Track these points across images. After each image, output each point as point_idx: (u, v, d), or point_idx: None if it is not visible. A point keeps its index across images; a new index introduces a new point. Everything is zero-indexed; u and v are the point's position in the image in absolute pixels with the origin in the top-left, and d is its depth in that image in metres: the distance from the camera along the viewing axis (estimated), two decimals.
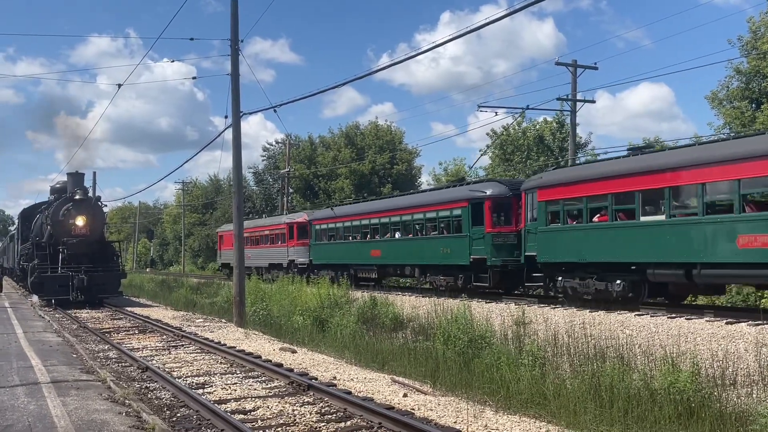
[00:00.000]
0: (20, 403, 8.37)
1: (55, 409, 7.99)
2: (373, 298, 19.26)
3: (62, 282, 25.45)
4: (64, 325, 19.03)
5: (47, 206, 29.80)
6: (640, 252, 14.83)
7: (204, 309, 25.11)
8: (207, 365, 12.21)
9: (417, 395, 9.75)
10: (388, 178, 51.13)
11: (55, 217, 27.17)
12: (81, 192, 27.85)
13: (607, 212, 15.88)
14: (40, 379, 10.00)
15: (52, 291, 25.50)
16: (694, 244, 13.66)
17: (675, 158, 14.50)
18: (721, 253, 13.09)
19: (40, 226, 29.69)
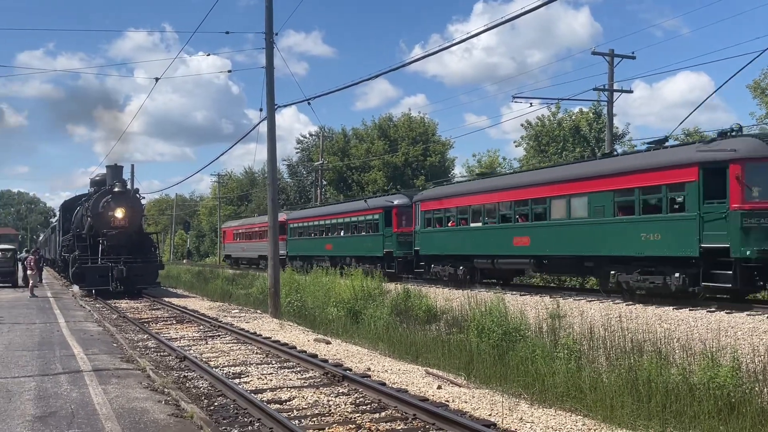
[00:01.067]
0: (63, 390, 8.59)
1: (97, 397, 8.18)
2: (407, 290, 19.28)
3: (102, 273, 25.98)
4: (105, 315, 19.45)
5: (87, 198, 30.38)
6: (470, 248, 21.78)
7: (239, 300, 25.43)
8: (243, 355, 12.37)
9: (451, 387, 9.75)
10: (421, 170, 51.01)
11: (95, 209, 27.71)
12: (120, 184, 28.36)
13: (454, 220, 22.77)
14: (82, 368, 10.25)
15: (92, 281, 26.05)
16: (495, 244, 20.59)
17: (484, 185, 22.11)
18: (507, 249, 20.01)
19: (81, 218, 30.31)
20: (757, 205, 13.49)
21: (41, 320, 17.26)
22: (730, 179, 13.72)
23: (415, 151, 50.48)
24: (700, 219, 14.16)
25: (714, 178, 14.01)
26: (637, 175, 15.74)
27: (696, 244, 14.21)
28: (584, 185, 17.22)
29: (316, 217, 34.52)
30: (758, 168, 13.55)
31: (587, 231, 17.08)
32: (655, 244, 15.19)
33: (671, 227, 14.85)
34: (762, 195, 13.65)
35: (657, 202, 15.39)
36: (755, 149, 13.76)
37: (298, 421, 7.58)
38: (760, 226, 13.44)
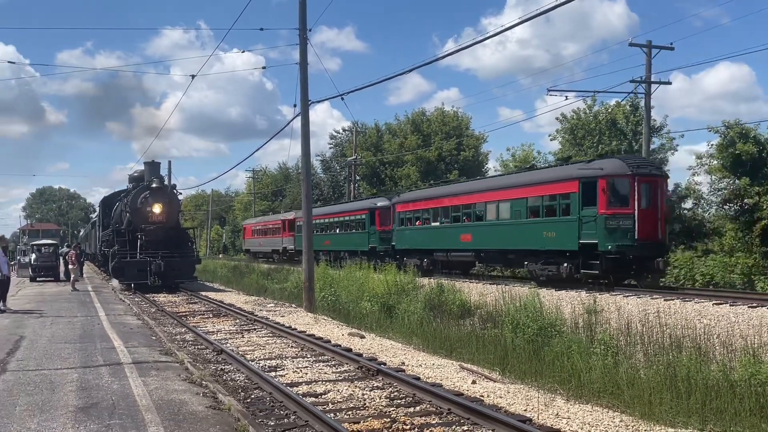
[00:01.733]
0: (104, 382, 8.79)
1: (137, 389, 8.35)
2: (440, 285, 19.26)
3: (141, 267, 26.44)
4: (143, 309, 19.81)
5: (126, 194, 30.86)
6: (430, 243, 25.69)
7: (274, 294, 25.68)
8: (279, 349, 12.50)
9: (486, 382, 9.71)
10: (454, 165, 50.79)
11: (134, 204, 28.16)
12: (158, 180, 28.76)
13: (421, 220, 26.82)
14: (122, 360, 10.47)
15: (131, 276, 26.52)
16: (450, 240, 24.27)
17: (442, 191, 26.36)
18: (456, 244, 23.78)
19: (120, 214, 30.86)
20: (616, 211, 17.68)
21: (82, 313, 17.66)
22: (599, 191, 17.88)
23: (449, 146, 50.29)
24: (579, 221, 18.25)
25: (589, 190, 18.12)
26: (542, 186, 19.94)
27: (576, 241, 18.28)
28: (508, 193, 21.46)
29: (319, 216, 37.61)
30: (618, 182, 17.91)
31: (509, 230, 21.20)
32: (552, 240, 19.26)
33: (561, 227, 18.93)
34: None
35: (553, 207, 19.45)
36: (616, 168, 18.12)
37: (333, 415, 7.64)
38: (619, 227, 17.59)
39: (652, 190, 18.13)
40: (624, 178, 17.86)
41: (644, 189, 17.90)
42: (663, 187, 18.71)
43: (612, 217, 17.70)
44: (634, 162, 18.53)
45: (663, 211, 18.37)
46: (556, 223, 19.13)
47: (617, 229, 17.61)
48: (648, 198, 17.98)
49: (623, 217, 17.63)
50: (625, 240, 17.52)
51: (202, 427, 6.74)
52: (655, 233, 17.96)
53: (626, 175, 17.85)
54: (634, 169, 17.94)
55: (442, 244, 24.95)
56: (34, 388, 8.43)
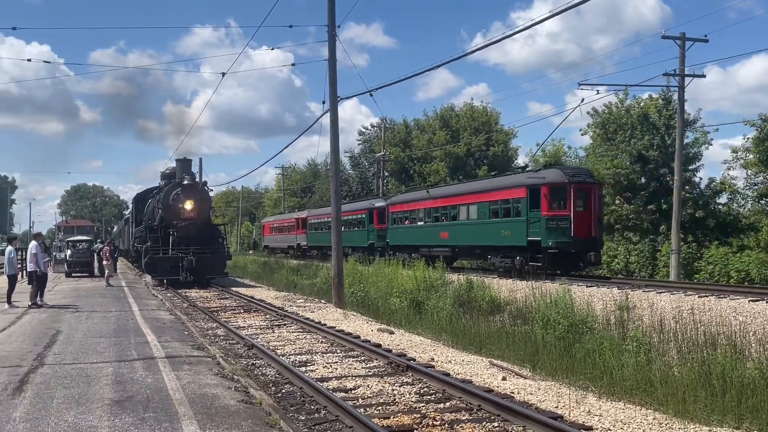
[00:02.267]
0: (139, 376, 8.93)
1: (170, 383, 8.47)
2: (470, 281, 19.19)
3: (173, 263, 26.77)
4: (176, 304, 20.09)
5: (158, 191, 31.27)
6: (417, 240, 28.91)
7: (304, 290, 25.85)
8: (309, 344, 12.58)
9: (516, 379, 9.66)
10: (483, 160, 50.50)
11: (166, 201, 28.51)
12: (189, 177, 29.05)
13: (409, 220, 30.17)
14: (155, 354, 10.63)
15: (163, 271, 26.87)
16: (432, 237, 27.46)
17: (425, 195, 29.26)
18: (437, 240, 27.06)
19: (152, 210, 31.25)
20: (555, 213, 20.86)
21: (117, 308, 17.96)
22: (542, 196, 21.06)
23: (478, 141, 50.01)
24: (527, 221, 21.49)
25: (535, 196, 21.37)
26: (500, 191, 23.45)
27: (525, 238, 21.46)
28: (476, 197, 24.88)
29: (326, 215, 41.13)
30: (556, 189, 21.01)
31: (477, 229, 24.59)
32: (508, 237, 22.53)
33: (514, 226, 22.21)
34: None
35: (509, 209, 22.77)
36: (556, 177, 21.31)
37: (363, 410, 7.67)
38: (558, 226, 20.68)
39: (586, 195, 21.36)
40: (562, 185, 21.05)
41: (579, 194, 21.12)
42: (596, 193, 21.77)
43: (552, 218, 20.96)
44: (570, 172, 21.98)
45: (596, 213, 21.47)
46: (510, 223, 22.61)
47: (556, 228, 20.90)
48: (582, 202, 21.22)
49: (561, 218, 20.93)
50: (563, 237, 20.75)
51: (235, 421, 6.82)
52: (588, 231, 21.11)
53: (564, 183, 21.05)
54: (570, 177, 21.18)
55: (426, 240, 28.49)
56: (71, 381, 8.60)
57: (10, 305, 17.76)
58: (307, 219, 46.82)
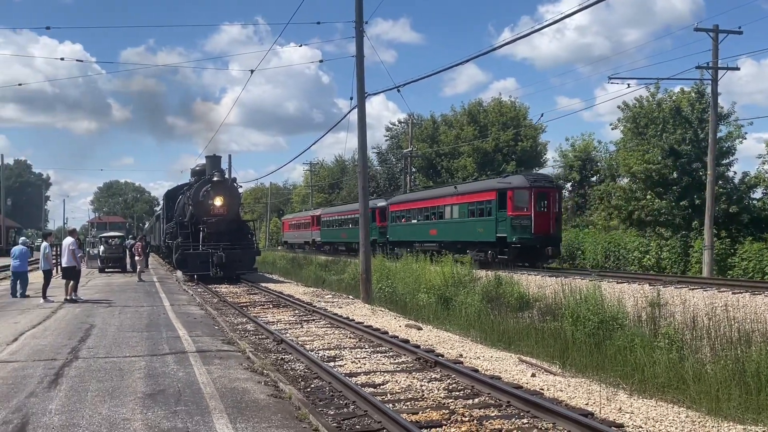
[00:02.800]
0: (170, 370, 9.06)
1: (201, 376, 8.58)
2: (498, 277, 19.08)
3: (203, 259, 27.01)
4: (206, 299, 20.32)
5: (188, 188, 31.57)
6: (411, 236, 32.92)
7: (332, 285, 25.94)
8: (337, 339, 12.63)
9: (545, 375, 9.59)
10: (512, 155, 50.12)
11: (196, 197, 28.78)
12: (219, 174, 29.26)
13: (405, 218, 34.33)
14: (186, 349, 10.77)
15: (194, 267, 27.13)
16: (420, 233, 31.69)
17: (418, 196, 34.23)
18: (427, 237, 30.92)
19: (183, 206, 31.62)
20: (518, 213, 24.87)
21: (148, 303, 18.23)
22: (508, 199, 25.21)
23: (506, 137, 49.65)
24: (496, 220, 25.50)
25: (502, 198, 25.54)
26: (476, 194, 27.89)
27: (494, 235, 25.52)
28: (457, 199, 29.07)
29: (337, 213, 48.59)
30: (519, 193, 25.26)
31: (458, 226, 28.69)
32: (482, 234, 26.57)
33: (486, 225, 26.27)
34: (522, 208, 25.13)
35: (482, 210, 26.90)
36: (519, 182, 25.61)
37: (391, 405, 7.68)
38: (520, 225, 24.61)
39: (546, 198, 25.53)
40: (524, 189, 25.14)
41: (539, 197, 25.20)
42: (555, 196, 26.14)
43: (516, 218, 24.98)
44: (532, 178, 26.18)
45: (554, 213, 25.61)
46: (483, 222, 26.66)
47: (519, 226, 24.84)
48: (542, 204, 25.19)
49: (523, 218, 24.88)
50: (525, 234, 24.59)
51: (264, 415, 6.88)
52: (547, 229, 25.04)
53: (526, 187, 25.17)
54: (531, 183, 25.27)
55: (418, 236, 32.60)
56: (104, 374, 8.76)
57: (46, 300, 18.13)
58: (320, 216, 51.88)
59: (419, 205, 33.45)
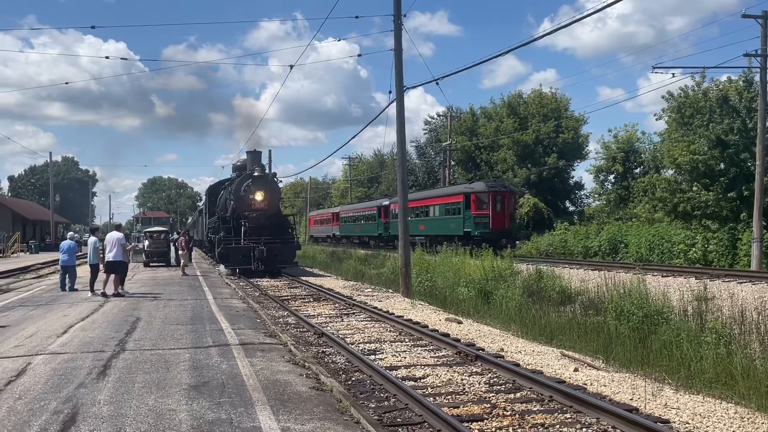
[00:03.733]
0: (214, 362, 9.21)
1: (244, 369, 8.70)
2: (539, 270, 18.90)
3: (245, 253, 27.35)
4: (248, 293, 20.58)
5: (230, 183, 31.98)
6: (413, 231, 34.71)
7: (372, 279, 26.02)
8: (377, 333, 12.68)
9: (588, 370, 9.47)
10: (553, 148, 49.54)
11: (237, 192, 29.16)
12: (259, 169, 29.58)
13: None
14: (229, 341, 10.93)
15: (236, 261, 27.49)
16: (413, 228, 32.89)
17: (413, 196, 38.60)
18: (417, 231, 36.87)
19: (225, 202, 32.06)
20: (480, 212, 32.68)
21: (192, 297, 18.55)
22: (471, 201, 32.94)
23: (547, 128, 49.06)
24: (464, 218, 33.19)
25: (468, 200, 33.14)
26: (450, 197, 35.68)
27: (462, 230, 33.28)
28: (438, 200, 36.88)
29: (352, 210, 56.62)
30: (481, 196, 33.02)
31: (439, 223, 36.52)
32: (454, 229, 34.14)
33: (456, 222, 34.11)
34: (482, 208, 32.88)
35: (454, 209, 34.82)
36: (481, 188, 33.46)
37: (432, 399, 7.68)
38: (481, 222, 32.37)
39: (503, 200, 33.26)
40: (484, 193, 33.22)
41: (496, 200, 33.06)
42: (510, 198, 34.08)
43: (477, 216, 32.91)
44: (491, 184, 34.43)
45: (509, 213, 33.61)
46: (454, 220, 34.77)
47: (480, 223, 32.80)
48: (499, 205, 33.06)
49: (483, 216, 32.84)
50: (485, 229, 32.48)
51: (306, 407, 6.95)
52: (503, 225, 32.99)
53: (485, 191, 33.22)
54: (490, 188, 33.41)
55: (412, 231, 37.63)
56: (150, 366, 8.95)
57: (93, 293, 18.60)
58: (339, 213, 60.16)
59: (413, 204, 39.53)
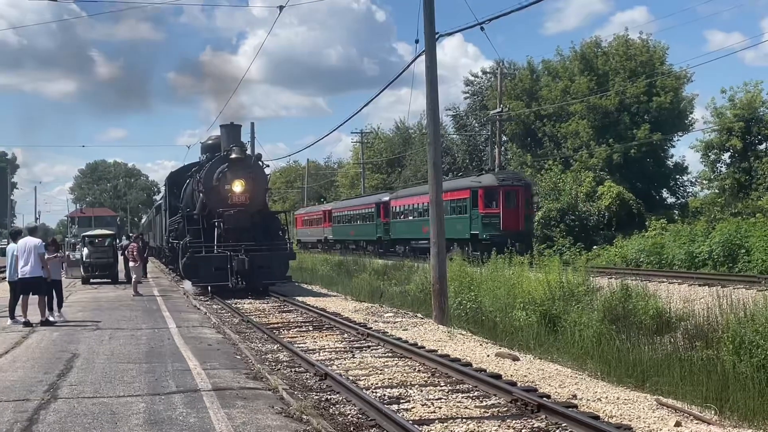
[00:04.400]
0: (178, 414, 9.26)
1: (219, 424, 8.74)
2: (625, 286, 18.81)
3: (219, 264, 27.31)
4: (224, 319, 20.68)
5: (199, 169, 31.82)
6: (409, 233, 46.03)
7: (393, 299, 26.08)
8: (401, 373, 12.67)
9: (695, 425, 9.41)
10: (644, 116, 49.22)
11: (208, 182, 29.08)
12: (238, 149, 29.29)
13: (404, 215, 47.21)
14: (199, 386, 10.99)
15: (207, 276, 27.44)
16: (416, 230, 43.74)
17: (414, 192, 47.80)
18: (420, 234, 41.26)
19: (191, 194, 32.09)
20: (489, 211, 37.08)
21: (148, 325, 18.67)
22: (479, 197, 37.42)
23: (635, 89, 48.76)
24: (470, 218, 37.61)
25: (475, 196, 37.70)
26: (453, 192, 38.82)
27: (468, 232, 37.74)
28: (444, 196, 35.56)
29: (347, 208, 61.08)
30: (490, 192, 37.83)
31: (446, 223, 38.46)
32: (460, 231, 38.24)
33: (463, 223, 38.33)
34: (492, 205, 37.57)
35: (460, 208, 39.00)
36: (490, 181, 38.16)
37: None
38: (490, 222, 36.54)
39: (515, 195, 37.74)
40: (494, 189, 37.41)
41: (508, 195, 37.30)
42: (523, 193, 38.28)
43: (486, 216, 37.10)
44: (502, 176, 38.70)
45: (523, 210, 37.64)
46: (461, 220, 39.04)
47: (489, 223, 36.84)
48: (511, 201, 37.30)
49: (493, 216, 37.09)
50: (494, 231, 36.31)
51: None
52: (516, 225, 37.16)
53: (495, 186, 37.37)
54: (500, 182, 37.59)
55: (414, 234, 43.90)
56: (92, 420, 9.01)
57: (14, 320, 18.77)
58: (332, 212, 64.76)
59: (416, 201, 45.02)
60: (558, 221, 44.95)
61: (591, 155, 49.10)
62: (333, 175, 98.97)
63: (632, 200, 46.74)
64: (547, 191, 47.10)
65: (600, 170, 48.48)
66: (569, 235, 43.99)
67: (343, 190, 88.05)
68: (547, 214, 45.21)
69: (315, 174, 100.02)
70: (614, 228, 44.94)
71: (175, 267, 35.83)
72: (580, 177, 48.32)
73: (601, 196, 46.30)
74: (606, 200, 45.86)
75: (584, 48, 53.40)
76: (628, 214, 46.06)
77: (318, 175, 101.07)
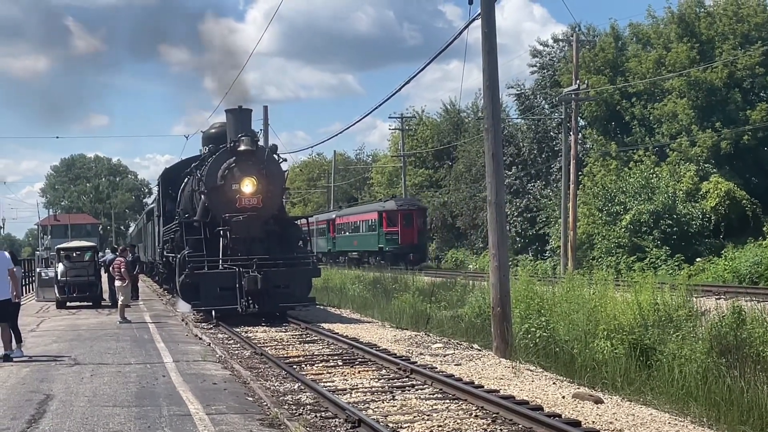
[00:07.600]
0: None
1: None
2: (739, 310, 18.62)
3: (225, 283, 27.13)
4: (232, 351, 20.74)
5: (199, 164, 31.64)
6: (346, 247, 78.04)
7: (443, 326, 25.96)
8: (454, 419, 12.66)
9: None
10: (760, 93, 48.72)
11: (211, 180, 28.98)
12: (247, 140, 29.00)
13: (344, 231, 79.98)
14: None
15: (211, 297, 27.19)
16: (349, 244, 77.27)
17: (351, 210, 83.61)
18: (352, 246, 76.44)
19: (190, 197, 32.06)
20: (391, 230, 65.63)
21: (138, 359, 18.78)
22: (383, 219, 66.76)
23: (749, 60, 48.29)
24: (378, 235, 66.92)
25: (381, 217, 67.13)
26: (368, 214, 70.94)
27: (377, 245, 67.25)
28: (363, 216, 71.87)
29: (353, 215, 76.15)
30: (391, 214, 65.83)
31: (366, 238, 70.51)
32: (373, 244, 68.39)
33: (374, 238, 68.18)
34: (392, 225, 65.49)
35: (372, 227, 68.80)
36: (391, 206, 66.96)
37: None
38: (392, 238, 65.52)
39: (411, 217, 64.37)
40: (394, 212, 64.22)
41: (406, 217, 63.96)
42: (418, 215, 65.44)
43: (388, 233, 64.24)
44: (401, 202, 66.08)
45: (417, 228, 64.54)
46: (373, 236, 66.69)
47: (390, 239, 64.02)
48: (409, 222, 63.97)
49: (393, 233, 63.90)
50: (394, 245, 63.51)
51: None
52: (412, 240, 63.74)
53: (395, 210, 64.36)
54: (399, 207, 64.47)
55: (349, 246, 72.76)
56: None
57: None
58: (335, 221, 78.19)
59: (350, 219, 72.41)
60: (651, 227, 44.46)
61: (693, 143, 48.65)
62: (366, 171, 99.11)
63: (746, 200, 46.22)
64: (637, 190, 46.72)
65: (704, 162, 48.02)
66: (665, 244, 43.54)
67: (379, 190, 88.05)
68: (637, 219, 44.74)
69: (344, 170, 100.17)
70: (723, 235, 44.54)
71: (171, 287, 35.90)
72: (679, 171, 48.00)
73: (706, 195, 45.91)
74: (712, 200, 45.47)
75: (683, 8, 53.03)
76: (741, 218, 45.65)
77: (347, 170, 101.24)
